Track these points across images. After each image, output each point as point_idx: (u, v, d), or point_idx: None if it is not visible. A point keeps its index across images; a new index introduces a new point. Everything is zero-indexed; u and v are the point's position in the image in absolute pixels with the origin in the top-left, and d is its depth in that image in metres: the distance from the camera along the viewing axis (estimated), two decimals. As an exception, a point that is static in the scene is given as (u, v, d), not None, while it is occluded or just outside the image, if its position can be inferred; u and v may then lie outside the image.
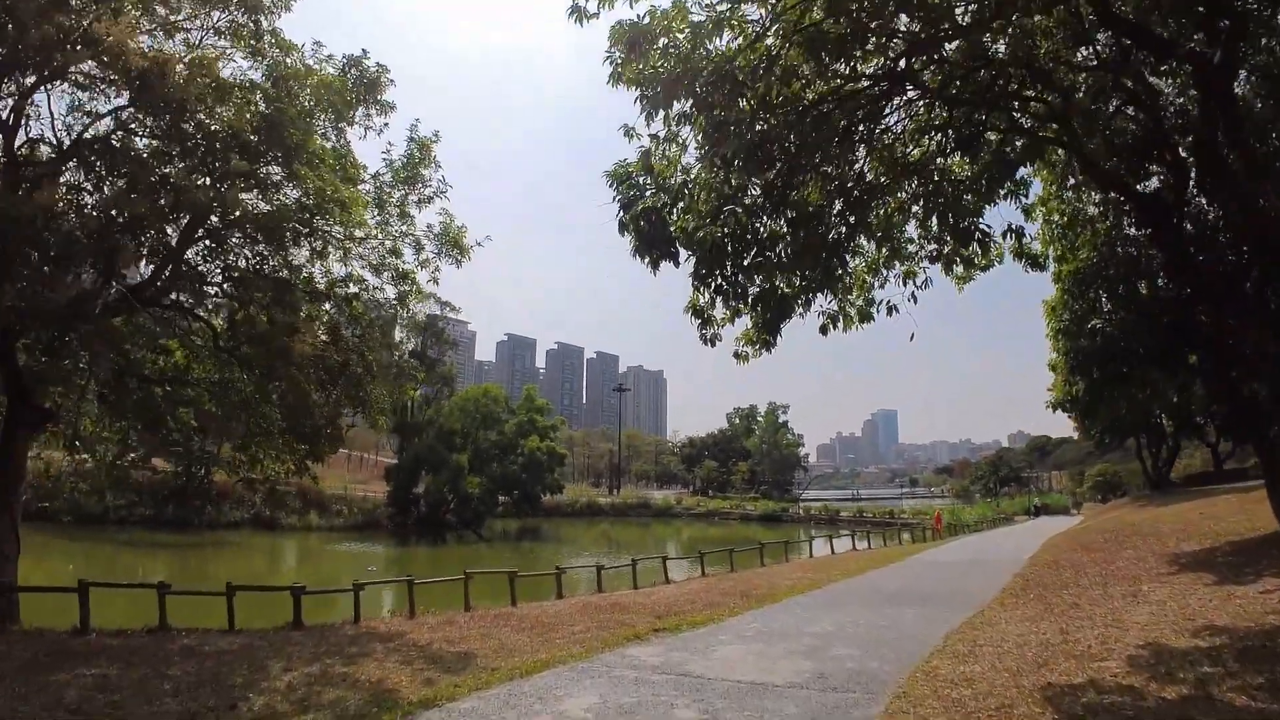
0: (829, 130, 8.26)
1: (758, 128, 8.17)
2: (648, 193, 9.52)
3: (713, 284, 9.45)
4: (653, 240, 9.07)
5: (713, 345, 9.89)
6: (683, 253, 9.34)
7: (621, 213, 9.25)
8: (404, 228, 14.09)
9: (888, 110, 9.20)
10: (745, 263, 9.42)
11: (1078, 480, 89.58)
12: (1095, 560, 15.54)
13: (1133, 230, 13.65)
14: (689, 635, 10.44)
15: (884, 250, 10.79)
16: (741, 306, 10.02)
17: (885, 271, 10.90)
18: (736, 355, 10.19)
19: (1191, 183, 11.22)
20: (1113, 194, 13.08)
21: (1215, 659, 6.81)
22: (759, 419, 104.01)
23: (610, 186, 9.81)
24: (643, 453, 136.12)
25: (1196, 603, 9.38)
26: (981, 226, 9.53)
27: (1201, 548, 14.23)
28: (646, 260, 9.44)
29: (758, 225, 9.43)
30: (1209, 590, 10.04)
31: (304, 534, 46.55)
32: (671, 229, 9.36)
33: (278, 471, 14.38)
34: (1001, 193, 10.45)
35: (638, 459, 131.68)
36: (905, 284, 10.92)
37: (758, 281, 9.53)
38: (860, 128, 8.95)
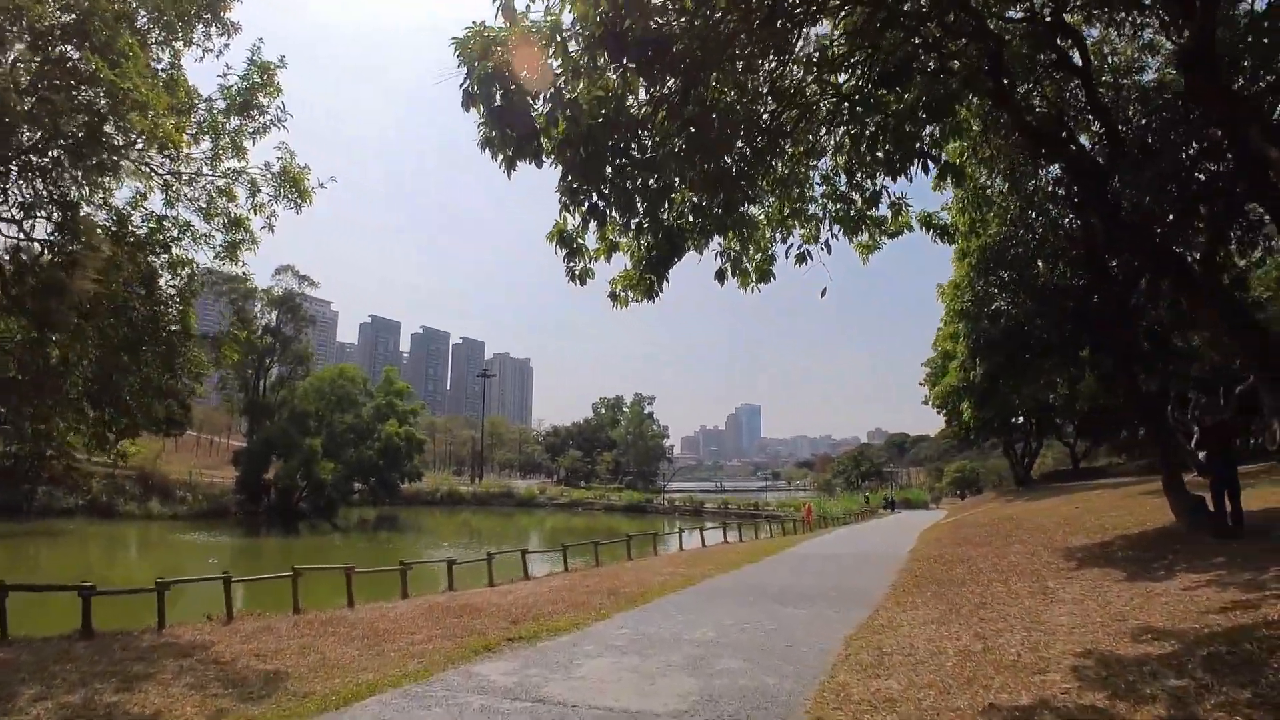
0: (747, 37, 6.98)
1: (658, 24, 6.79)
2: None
3: (586, 201, 7.84)
4: (509, 119, 7.15)
5: (581, 283, 8.27)
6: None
7: (468, 80, 7.10)
8: (238, 163, 13.19)
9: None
10: (632, 174, 7.89)
11: (936, 476, 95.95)
12: (985, 555, 15.44)
13: (1036, 214, 13.38)
14: (549, 645, 9.06)
15: (785, 206, 9.76)
16: (621, 240, 8.55)
17: (783, 232, 9.95)
18: (613, 297, 8.69)
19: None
20: (1044, 155, 12.79)
21: (1179, 669, 6.04)
22: (625, 410, 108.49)
23: (459, 61, 7.72)
24: (507, 441, 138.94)
25: (1119, 602, 8.89)
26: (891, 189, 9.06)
27: (1093, 542, 14.35)
28: (500, 159, 7.48)
29: (647, 143, 7.97)
30: (1124, 587, 9.66)
31: (144, 523, 45.12)
32: (535, 119, 7.56)
33: (75, 445, 13.42)
34: (926, 138, 9.67)
35: (501, 447, 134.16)
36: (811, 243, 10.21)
37: (642, 206, 8.02)
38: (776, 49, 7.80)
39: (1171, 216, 10.94)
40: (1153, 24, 11.85)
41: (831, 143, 9.71)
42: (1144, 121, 11.43)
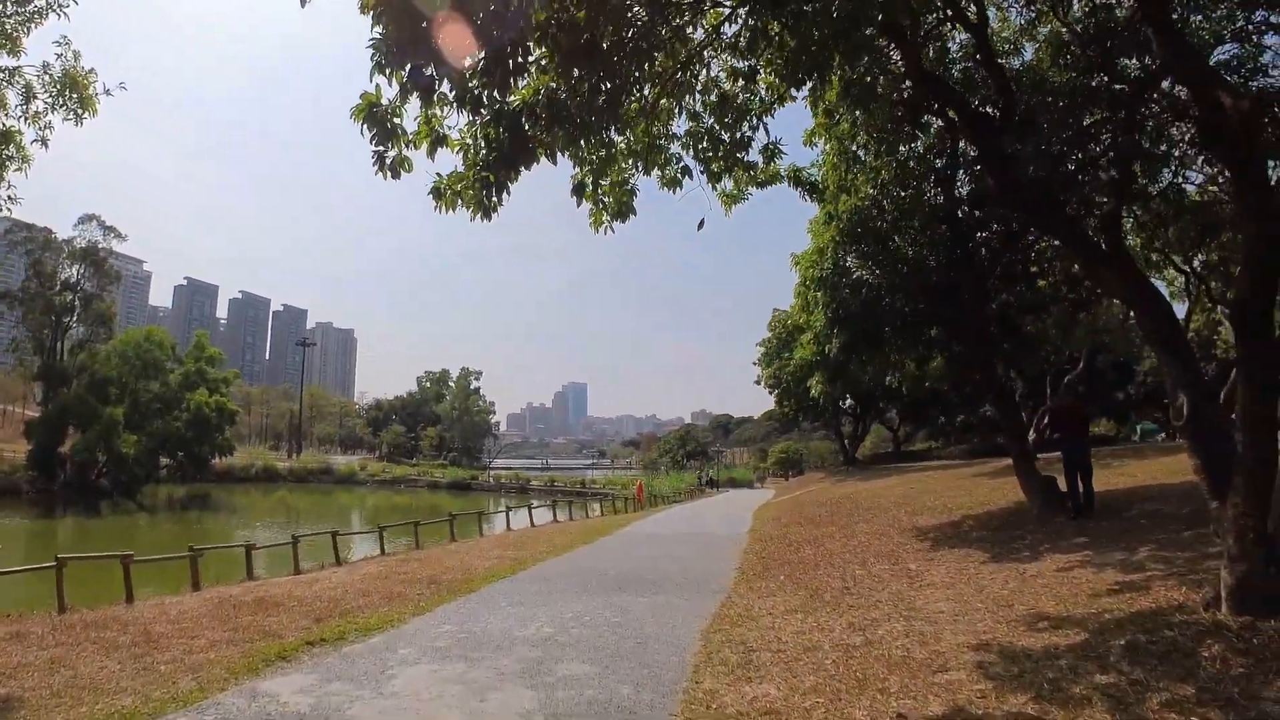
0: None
1: None
2: None
3: (409, 64, 6.18)
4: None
5: (394, 174, 6.48)
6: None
7: None
8: (10, 60, 11.17)
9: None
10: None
11: (760, 456, 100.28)
12: (831, 535, 15.30)
13: (902, 187, 13.12)
14: (358, 650, 7.54)
15: (645, 139, 8.61)
16: (452, 135, 6.90)
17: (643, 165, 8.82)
18: (437, 194, 6.96)
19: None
20: (935, 107, 12.52)
21: (1101, 663, 5.52)
22: (450, 384, 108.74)
23: None
24: (327, 414, 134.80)
25: (995, 585, 8.58)
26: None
27: (941, 521, 14.52)
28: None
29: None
30: (994, 570, 9.45)
31: (-84, 502, 40.60)
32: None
33: None
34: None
35: (322, 421, 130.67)
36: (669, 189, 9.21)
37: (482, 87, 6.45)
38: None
39: (1066, 176, 10.91)
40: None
41: (706, 75, 8.66)
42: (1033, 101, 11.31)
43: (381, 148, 6.26)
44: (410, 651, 7.42)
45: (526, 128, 6.10)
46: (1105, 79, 10.84)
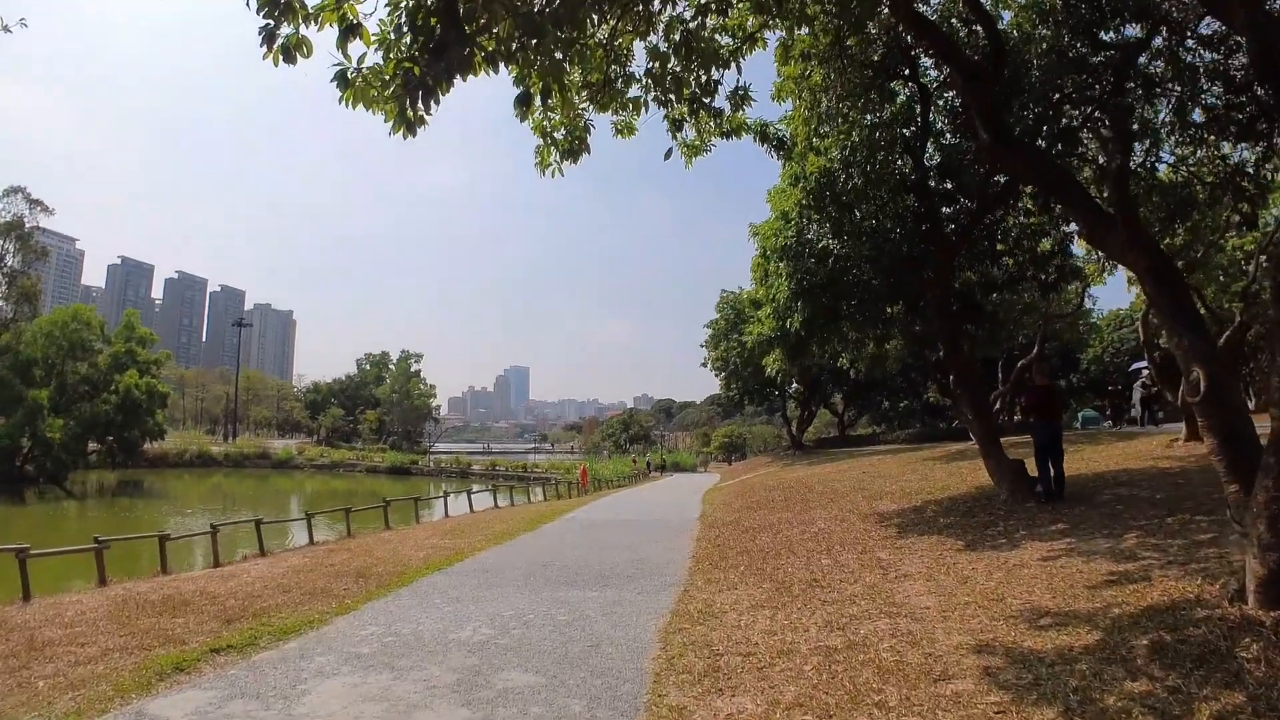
0: None
1: None
2: None
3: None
4: None
5: (290, 59, 5.19)
6: None
7: None
8: None
9: None
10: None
11: (703, 441, 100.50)
12: (787, 521, 14.60)
13: (870, 152, 12.39)
14: (269, 658, 6.55)
15: (600, 73, 7.61)
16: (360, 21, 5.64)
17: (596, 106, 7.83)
18: (343, 81, 5.58)
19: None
20: (912, 74, 11.80)
21: (1126, 666, 4.86)
22: (391, 367, 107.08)
23: None
24: (264, 398, 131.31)
25: (979, 577, 7.91)
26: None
27: (902, 507, 13.97)
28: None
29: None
30: (972, 559, 8.80)
31: None
32: None
33: None
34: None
35: (259, 404, 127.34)
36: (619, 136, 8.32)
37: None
38: None
39: (1064, 131, 10.32)
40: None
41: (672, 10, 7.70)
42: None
43: (269, 21, 4.97)
44: (329, 660, 6.38)
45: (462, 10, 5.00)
46: (1089, 46, 10.25)
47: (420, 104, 5.15)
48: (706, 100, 8.27)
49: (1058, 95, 10.35)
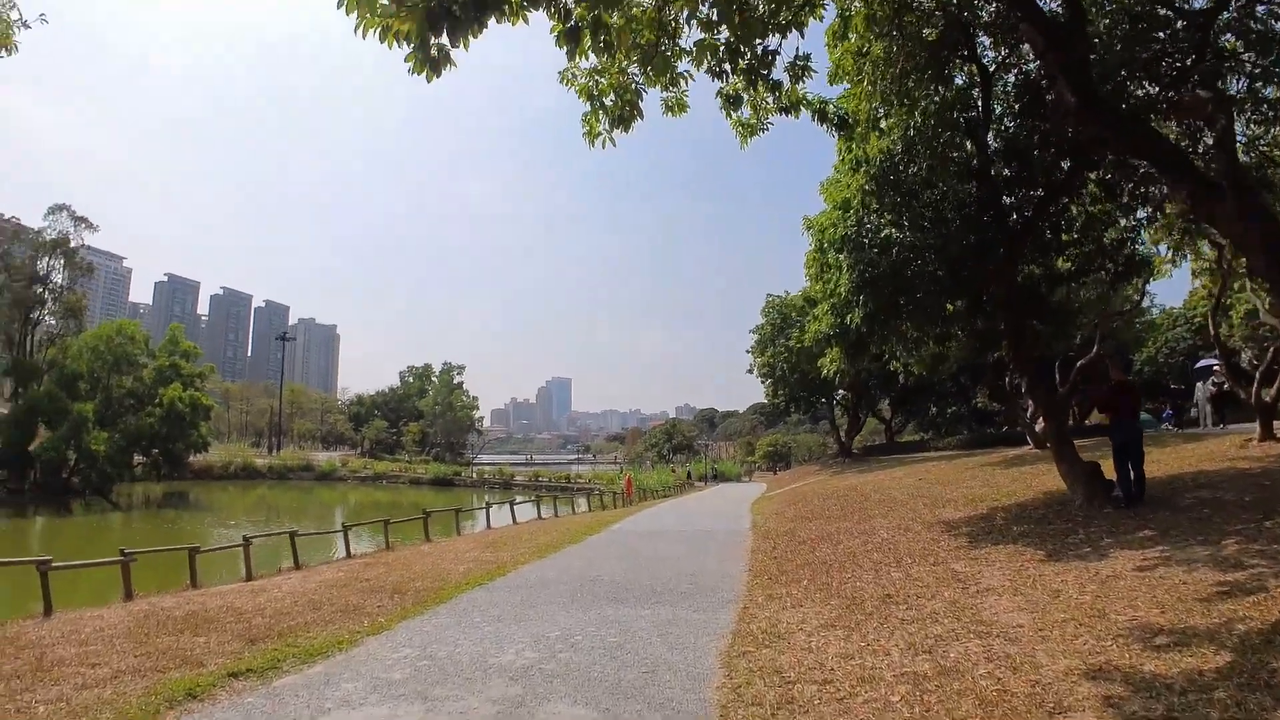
0: None
1: None
2: None
3: None
4: None
5: None
6: None
7: None
8: None
9: None
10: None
11: (747, 450, 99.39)
12: (846, 531, 13.91)
13: (933, 133, 11.74)
14: (291, 684, 6.11)
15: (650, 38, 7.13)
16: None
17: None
18: None
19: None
20: (971, 54, 11.17)
21: (1273, 692, 4.28)
22: (433, 379, 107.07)
23: None
24: (308, 410, 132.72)
25: (1071, 590, 7.23)
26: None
27: (968, 515, 13.22)
28: None
29: None
30: (1057, 570, 8.10)
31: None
32: None
33: None
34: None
35: (302, 417, 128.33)
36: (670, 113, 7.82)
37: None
38: None
39: (1157, 91, 9.63)
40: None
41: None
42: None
43: None
44: (355, 687, 5.96)
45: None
46: (1168, 9, 9.52)
47: (445, 36, 4.68)
48: (764, 72, 7.78)
49: (1136, 64, 9.64)
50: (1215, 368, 23.04)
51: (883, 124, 11.49)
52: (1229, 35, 11.24)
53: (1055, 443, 12.22)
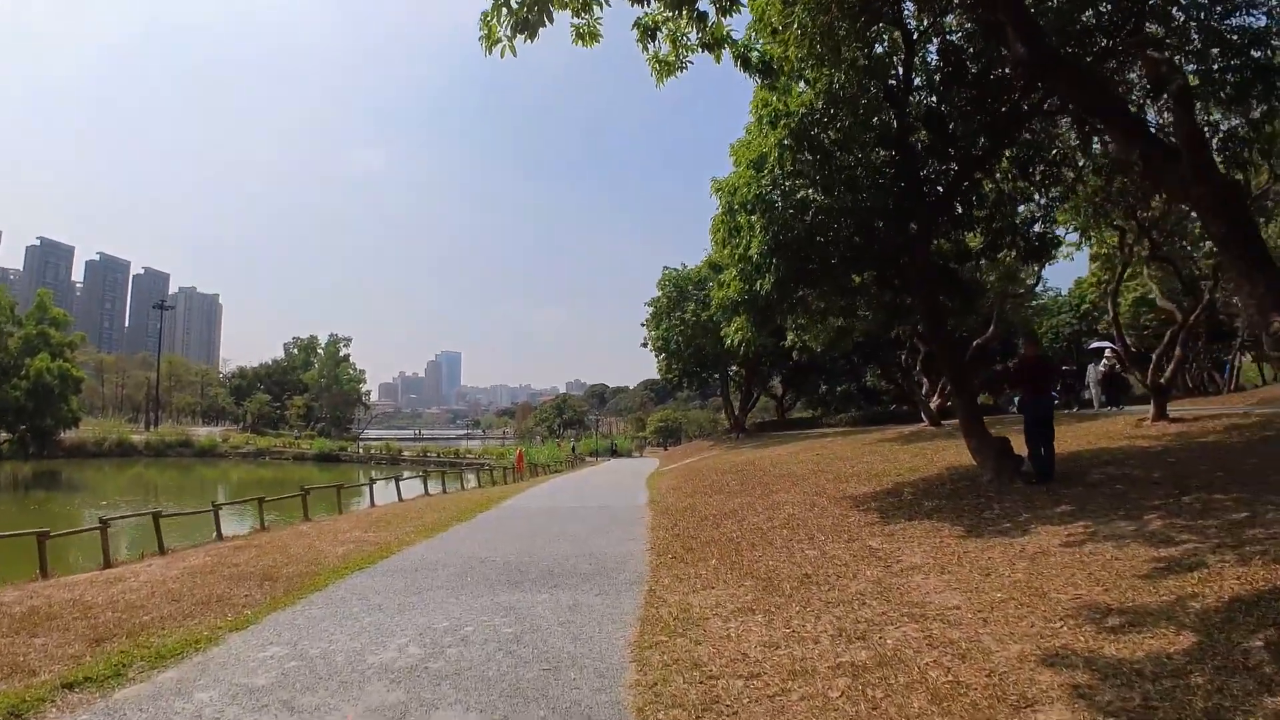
0: None
1: None
2: None
3: None
4: None
5: None
6: None
7: None
8: None
9: None
10: None
11: (638, 426, 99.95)
12: (750, 507, 13.48)
13: (853, 95, 11.26)
14: (134, 696, 5.09)
15: None
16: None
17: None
18: None
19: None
20: (896, 17, 10.66)
21: (1255, 675, 3.93)
22: (319, 351, 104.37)
23: None
24: (188, 384, 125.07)
25: (1002, 568, 6.88)
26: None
27: (875, 489, 13.03)
28: None
29: None
30: (981, 547, 7.78)
31: None
32: None
33: None
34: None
35: (182, 391, 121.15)
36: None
37: None
38: None
39: (1100, 49, 9.35)
40: None
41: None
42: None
43: None
44: (211, 696, 4.94)
45: None
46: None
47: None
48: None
49: (1080, 26, 9.40)
50: (1108, 351, 23.99)
51: (807, 74, 10.89)
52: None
53: (964, 418, 12.08)
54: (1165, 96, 9.17)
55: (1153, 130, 7.08)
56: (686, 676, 4.99)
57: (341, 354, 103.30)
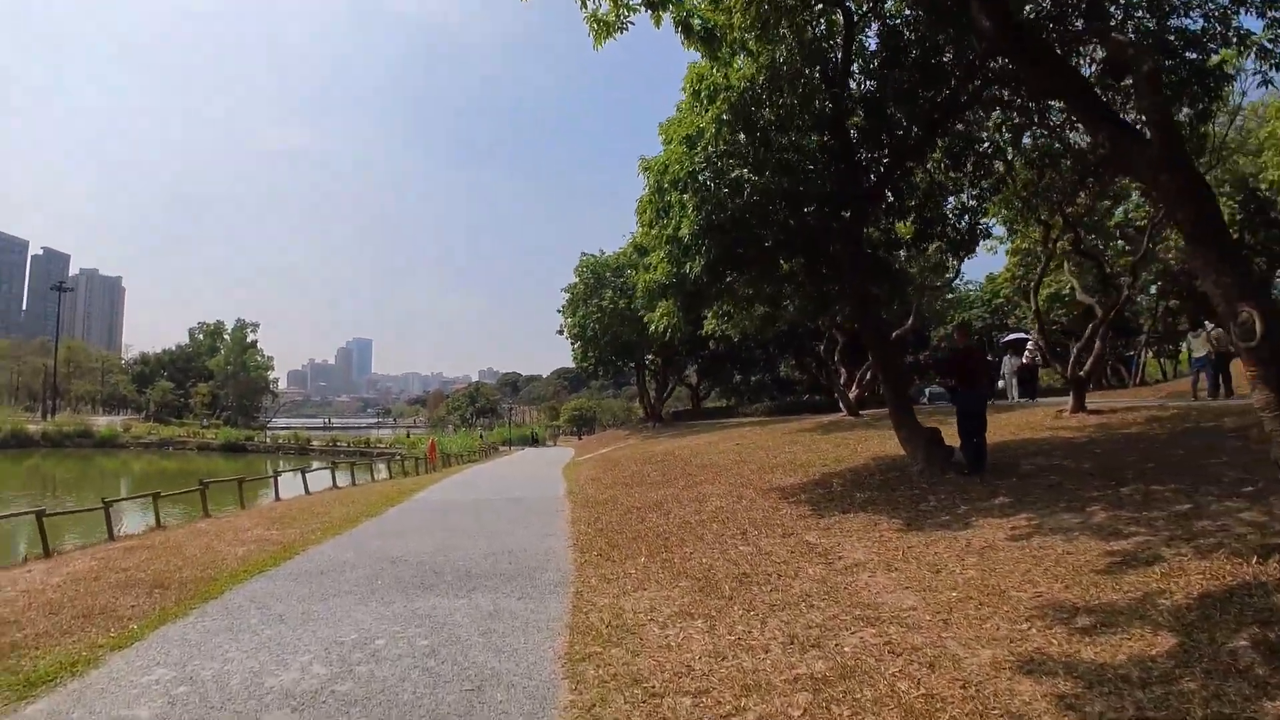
0: None
1: None
2: None
3: None
4: None
5: None
6: None
7: None
8: None
9: None
10: None
11: (552, 415, 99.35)
12: (675, 499, 13.07)
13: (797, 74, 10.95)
14: None
15: None
16: None
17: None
18: None
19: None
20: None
21: (1247, 678, 3.70)
22: (226, 337, 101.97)
23: None
24: (88, 370, 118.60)
25: (950, 564, 6.63)
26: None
27: (803, 481, 12.80)
28: None
29: None
30: (924, 541, 7.54)
31: None
32: None
33: None
34: None
35: (82, 378, 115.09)
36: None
37: None
38: None
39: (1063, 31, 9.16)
40: None
41: None
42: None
43: None
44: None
45: None
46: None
47: None
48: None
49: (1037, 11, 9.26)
50: (1029, 344, 24.57)
51: (750, 44, 10.42)
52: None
53: (893, 407, 11.94)
54: (1124, 82, 9.09)
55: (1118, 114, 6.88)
56: (627, 695, 4.46)
57: (249, 340, 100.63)
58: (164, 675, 5.14)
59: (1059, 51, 8.72)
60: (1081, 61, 10.40)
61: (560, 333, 48.96)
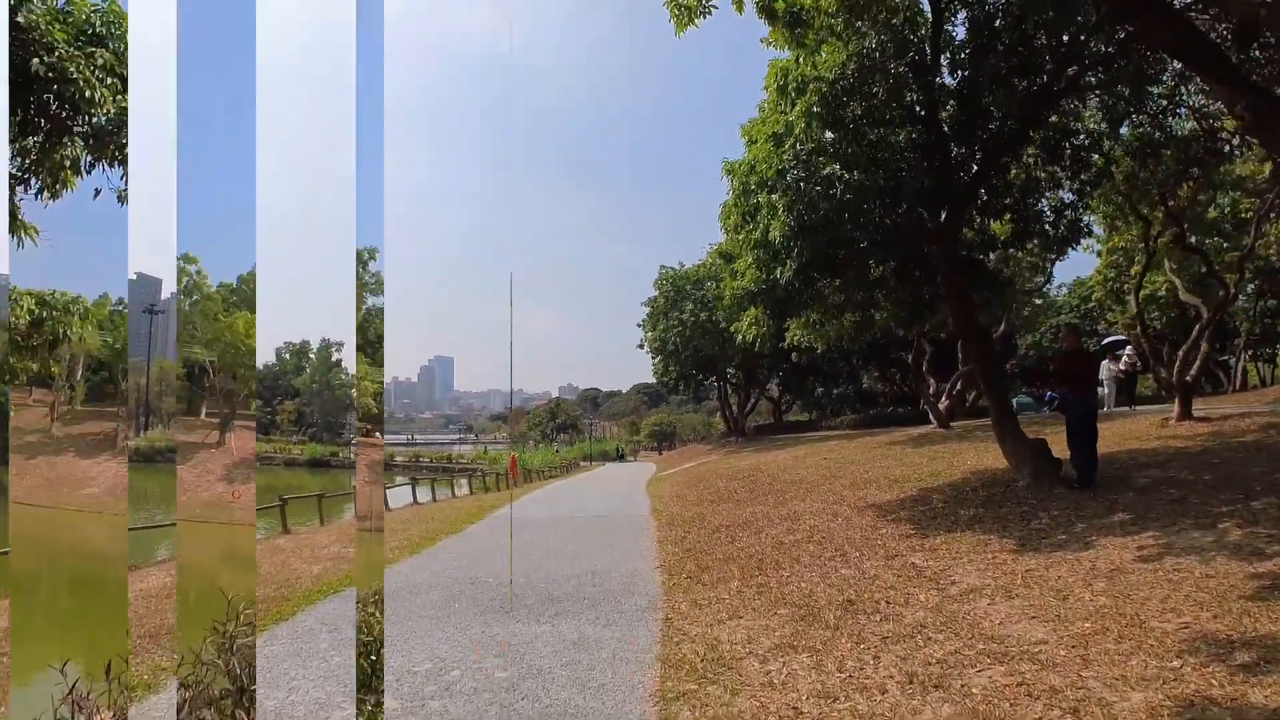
0: None
1: None
2: None
3: None
4: None
5: None
6: None
7: None
8: None
9: None
10: None
11: (632, 430, 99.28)
12: (766, 517, 12.62)
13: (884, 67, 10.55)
14: None
15: None
16: None
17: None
18: None
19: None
20: None
21: None
22: (311, 357, 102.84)
23: None
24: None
25: (1078, 590, 6.08)
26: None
27: (900, 497, 12.17)
28: None
29: None
30: (1043, 564, 6.95)
31: None
32: None
33: None
34: None
35: (172, 396, 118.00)
36: None
37: None
38: None
39: None
40: None
41: None
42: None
43: None
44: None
45: None
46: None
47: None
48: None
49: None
50: (1129, 349, 23.16)
51: (838, 27, 10.01)
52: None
53: (997, 418, 11.27)
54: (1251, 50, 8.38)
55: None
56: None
57: (334, 359, 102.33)
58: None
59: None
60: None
61: (641, 347, 48.93)
